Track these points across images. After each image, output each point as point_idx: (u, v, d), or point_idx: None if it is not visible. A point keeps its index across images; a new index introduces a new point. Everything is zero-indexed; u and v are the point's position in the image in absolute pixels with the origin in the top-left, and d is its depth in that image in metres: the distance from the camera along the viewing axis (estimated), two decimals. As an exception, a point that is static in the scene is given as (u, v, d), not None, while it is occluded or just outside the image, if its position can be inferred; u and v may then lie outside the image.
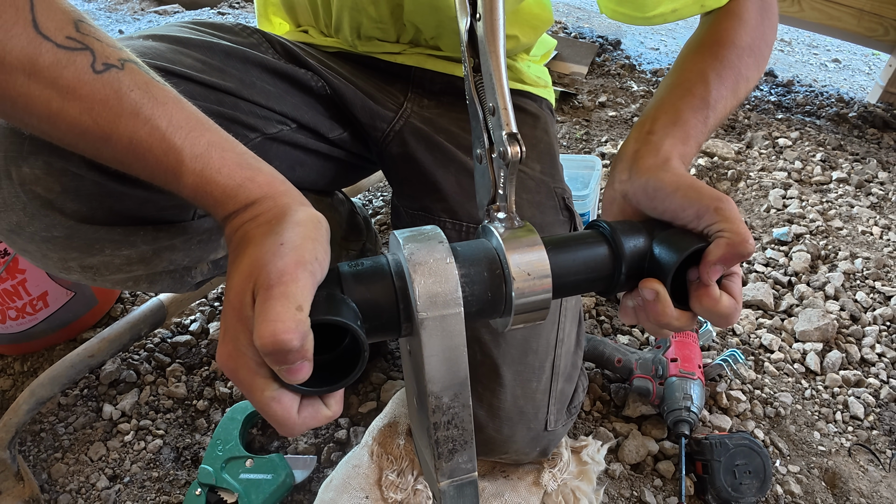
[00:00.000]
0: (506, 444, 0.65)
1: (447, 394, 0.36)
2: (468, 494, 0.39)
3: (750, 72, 0.58)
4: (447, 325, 0.35)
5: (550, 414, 0.67)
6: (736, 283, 0.43)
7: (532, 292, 0.39)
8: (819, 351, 1.05)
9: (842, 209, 1.42)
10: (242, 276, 0.33)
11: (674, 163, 0.47)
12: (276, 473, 0.74)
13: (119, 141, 0.37)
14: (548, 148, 0.77)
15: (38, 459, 0.82)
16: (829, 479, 0.88)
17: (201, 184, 0.37)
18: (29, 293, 0.88)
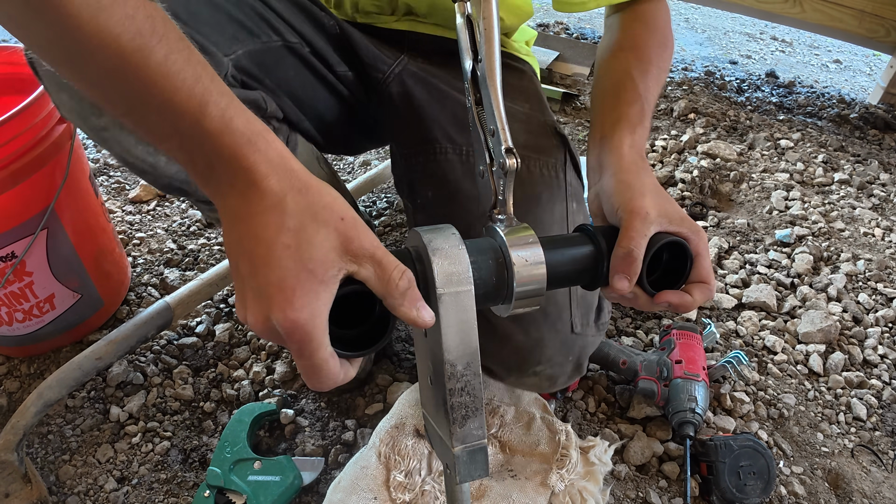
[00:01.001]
0: (537, 351, 0.65)
1: (461, 362, 0.42)
2: (479, 460, 0.44)
3: (664, 63, 0.68)
4: (461, 300, 0.41)
5: (574, 317, 0.68)
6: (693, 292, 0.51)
7: (530, 280, 0.46)
8: (822, 352, 1.05)
9: (844, 211, 1.42)
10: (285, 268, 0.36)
11: (625, 161, 0.56)
12: (285, 475, 0.74)
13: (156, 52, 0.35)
14: (535, 92, 0.83)
15: (45, 461, 0.82)
16: (833, 480, 0.88)
17: (224, 121, 0.37)
18: (36, 295, 0.88)
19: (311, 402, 0.90)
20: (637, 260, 0.49)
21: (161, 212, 1.29)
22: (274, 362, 0.95)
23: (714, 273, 1.19)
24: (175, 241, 1.20)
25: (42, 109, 0.78)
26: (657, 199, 0.53)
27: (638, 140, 0.58)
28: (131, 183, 1.37)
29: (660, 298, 0.51)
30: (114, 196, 1.33)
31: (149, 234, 1.22)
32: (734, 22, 2.87)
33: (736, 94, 2.06)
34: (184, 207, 1.30)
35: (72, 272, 0.91)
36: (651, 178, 0.55)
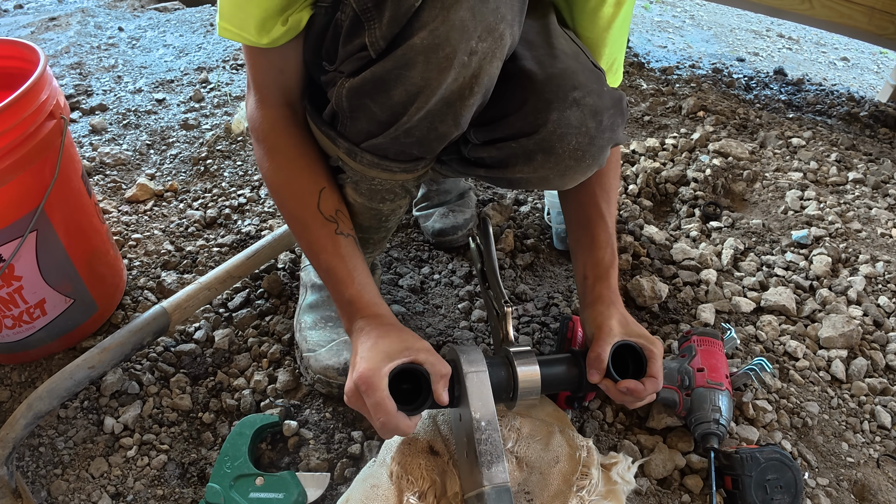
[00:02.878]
0: (568, 76, 0.65)
1: (484, 419, 0.65)
2: (505, 499, 0.62)
3: (618, 184, 0.92)
4: (480, 378, 0.67)
5: (591, 59, 0.71)
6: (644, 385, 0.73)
7: (529, 387, 0.71)
8: (844, 358, 1.02)
9: (860, 211, 1.39)
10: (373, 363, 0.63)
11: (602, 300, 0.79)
12: (288, 492, 0.70)
13: (328, 262, 0.72)
14: None
15: (36, 476, 0.78)
16: (858, 492, 0.85)
17: (355, 297, 0.70)
18: (26, 301, 0.84)
19: (316, 412, 0.85)
20: (603, 360, 0.72)
21: (158, 212, 1.25)
22: (276, 370, 0.91)
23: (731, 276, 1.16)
24: (173, 243, 1.16)
25: (31, 104, 0.74)
26: (621, 321, 0.76)
27: (612, 281, 0.80)
28: (127, 182, 1.33)
29: (621, 384, 0.71)
30: (109, 196, 1.28)
31: (145, 235, 1.17)
32: (740, 19, 2.84)
33: (744, 91, 2.02)
34: (182, 207, 1.26)
35: (63, 276, 0.86)
36: (619, 308, 0.78)
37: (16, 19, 2.32)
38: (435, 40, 0.55)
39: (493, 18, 0.56)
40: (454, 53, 0.56)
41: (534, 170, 0.69)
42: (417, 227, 1.20)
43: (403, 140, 0.64)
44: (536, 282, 1.13)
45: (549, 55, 0.67)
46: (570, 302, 1.07)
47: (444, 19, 0.54)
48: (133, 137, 1.50)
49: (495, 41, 0.57)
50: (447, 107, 0.60)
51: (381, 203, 0.78)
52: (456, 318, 1.03)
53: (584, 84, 0.65)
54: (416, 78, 0.57)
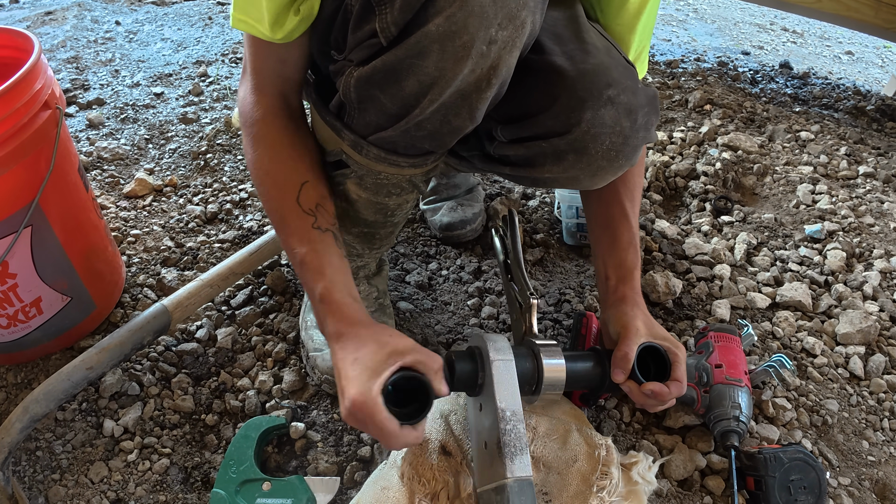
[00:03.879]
0: (601, 72, 0.63)
1: (509, 409, 0.62)
2: (527, 492, 0.59)
3: (642, 180, 0.86)
4: (507, 366, 0.64)
5: (623, 54, 0.69)
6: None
7: (553, 381, 0.68)
8: (862, 354, 0.99)
9: (872, 205, 1.36)
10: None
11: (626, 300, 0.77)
12: (296, 497, 0.68)
13: (303, 256, 0.67)
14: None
15: (34, 481, 0.75)
16: (880, 491, 0.83)
17: (324, 295, 0.65)
18: (21, 299, 0.81)
19: (324, 413, 0.83)
20: (629, 359, 0.70)
21: (158, 207, 1.22)
22: (281, 370, 0.88)
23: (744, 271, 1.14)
24: (172, 239, 1.12)
25: (24, 93, 0.70)
26: (647, 323, 0.74)
27: (635, 283, 0.78)
28: (125, 177, 1.30)
29: (646, 387, 0.70)
30: (107, 191, 1.25)
31: (144, 231, 1.14)
32: (743, 13, 2.81)
33: (750, 85, 2.00)
34: (181, 203, 1.23)
35: (60, 273, 0.83)
36: (643, 310, 0.76)
37: (11, 13, 2.28)
38: (452, 27, 0.51)
39: (514, 4, 0.53)
40: (472, 42, 0.52)
41: (563, 170, 0.66)
42: (424, 222, 1.18)
43: (414, 133, 0.61)
44: (547, 277, 1.10)
45: (580, 50, 0.64)
46: (581, 298, 1.04)
47: (462, 4, 0.51)
48: (131, 132, 1.46)
49: (516, 29, 0.54)
50: (462, 99, 0.57)
51: (386, 197, 0.74)
52: (465, 315, 1.00)
53: (618, 81, 0.63)
54: (430, 68, 0.53)
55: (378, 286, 0.90)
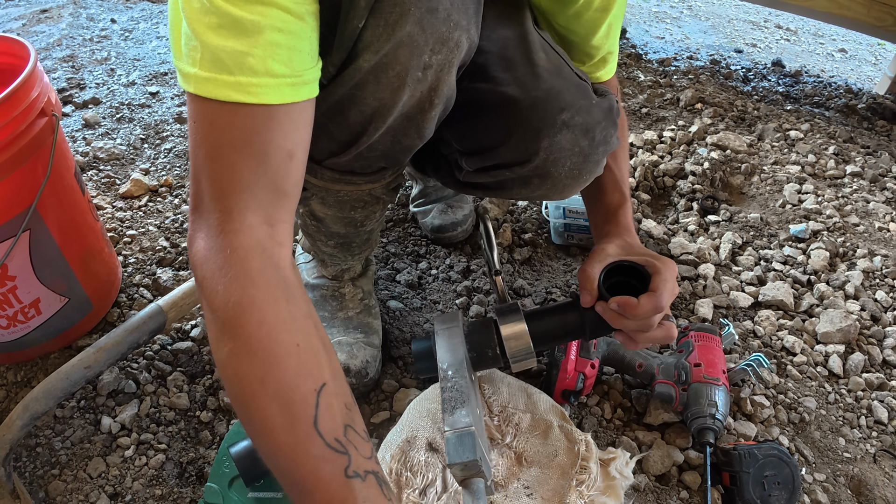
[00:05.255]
0: (554, 98, 0.63)
1: (451, 368, 0.63)
2: (466, 443, 0.56)
3: (626, 138, 0.82)
4: (452, 332, 0.68)
5: (575, 70, 0.68)
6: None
7: (517, 346, 0.68)
8: (841, 353, 1.02)
9: (858, 205, 1.39)
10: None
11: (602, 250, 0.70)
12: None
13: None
14: None
15: (34, 476, 0.78)
16: (855, 487, 0.85)
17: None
18: (20, 301, 0.83)
19: (314, 410, 0.85)
20: (589, 277, 0.66)
21: (153, 207, 1.24)
22: (274, 368, 0.91)
23: (728, 270, 1.16)
24: (168, 239, 1.15)
25: (21, 102, 0.72)
26: (623, 245, 0.70)
27: (620, 219, 0.74)
28: (121, 178, 1.32)
29: (611, 301, 0.64)
30: (103, 191, 1.27)
31: (140, 231, 1.16)
32: (737, 10, 2.82)
33: (742, 83, 2.01)
34: (176, 203, 1.25)
35: (58, 275, 0.85)
36: (624, 238, 0.71)
37: (7, 11, 2.29)
38: (383, 60, 0.50)
39: (445, 28, 0.51)
40: (405, 71, 0.51)
41: (531, 191, 0.68)
42: (415, 222, 1.20)
43: (367, 155, 0.61)
44: (534, 276, 1.12)
45: (530, 74, 0.63)
46: (567, 297, 1.07)
47: (388, 37, 0.49)
48: (127, 131, 1.48)
49: (450, 51, 0.53)
50: (408, 121, 0.57)
51: (351, 211, 0.75)
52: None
53: (571, 104, 0.63)
54: (369, 99, 0.53)
55: (363, 287, 0.92)
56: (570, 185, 0.68)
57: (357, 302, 0.91)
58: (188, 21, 0.44)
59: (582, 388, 0.83)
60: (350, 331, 0.87)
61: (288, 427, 0.42)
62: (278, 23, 0.44)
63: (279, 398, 0.42)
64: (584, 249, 1.17)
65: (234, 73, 0.43)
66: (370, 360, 0.84)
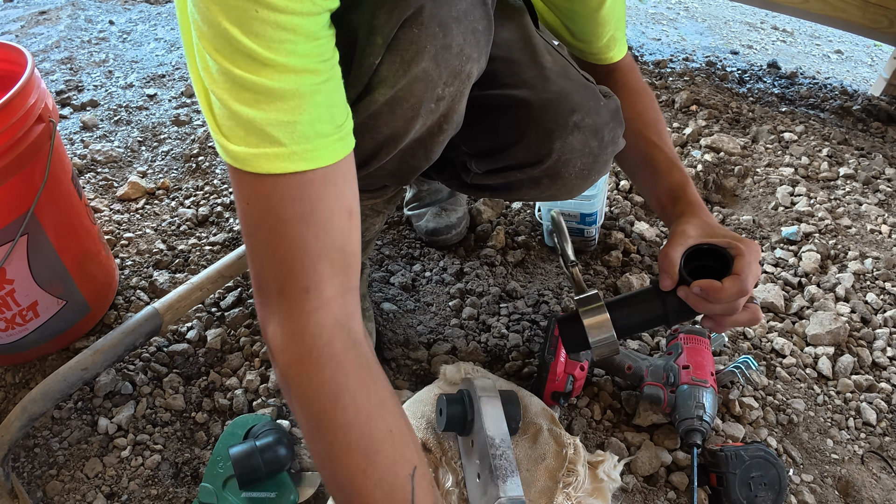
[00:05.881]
0: (564, 99, 0.64)
1: (498, 437, 0.67)
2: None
3: (659, 113, 0.80)
4: (492, 402, 0.71)
5: (580, 71, 0.69)
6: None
7: (600, 334, 0.68)
8: (831, 355, 1.03)
9: (850, 207, 1.40)
10: None
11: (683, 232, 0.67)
12: (280, 492, 0.72)
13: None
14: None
15: (32, 476, 0.79)
16: (843, 488, 0.86)
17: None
18: (18, 303, 0.84)
19: (308, 411, 0.87)
20: (671, 260, 0.64)
21: (150, 210, 1.25)
22: (268, 370, 0.92)
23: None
24: (165, 242, 1.16)
25: (19, 108, 0.74)
26: (702, 226, 0.66)
27: (690, 197, 0.71)
28: (119, 180, 1.33)
29: (694, 285, 0.62)
30: (101, 194, 1.28)
31: (137, 234, 1.18)
32: (734, 11, 2.83)
33: (738, 85, 2.02)
34: (173, 206, 1.26)
35: (55, 278, 0.87)
36: (700, 217, 0.68)
37: (6, 13, 2.30)
38: (398, 94, 0.52)
39: (458, 63, 0.53)
40: (419, 104, 0.53)
41: (540, 192, 0.70)
42: (409, 225, 1.21)
43: (375, 175, 0.63)
44: (527, 279, 1.13)
45: (539, 77, 0.65)
46: (559, 300, 1.08)
47: (405, 73, 0.51)
48: (124, 134, 1.49)
49: (462, 83, 0.55)
50: (418, 144, 0.59)
51: None
52: (447, 316, 1.04)
53: (580, 105, 0.65)
54: (382, 128, 0.55)
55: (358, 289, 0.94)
56: (578, 185, 0.69)
57: None
58: (219, 98, 0.42)
59: (571, 389, 0.84)
60: (344, 333, 0.88)
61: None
62: (314, 85, 0.43)
63: (381, 486, 0.45)
64: (578, 252, 1.19)
65: (285, 144, 0.42)
66: None
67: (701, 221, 0.67)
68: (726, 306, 0.62)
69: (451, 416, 0.69)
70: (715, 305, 0.62)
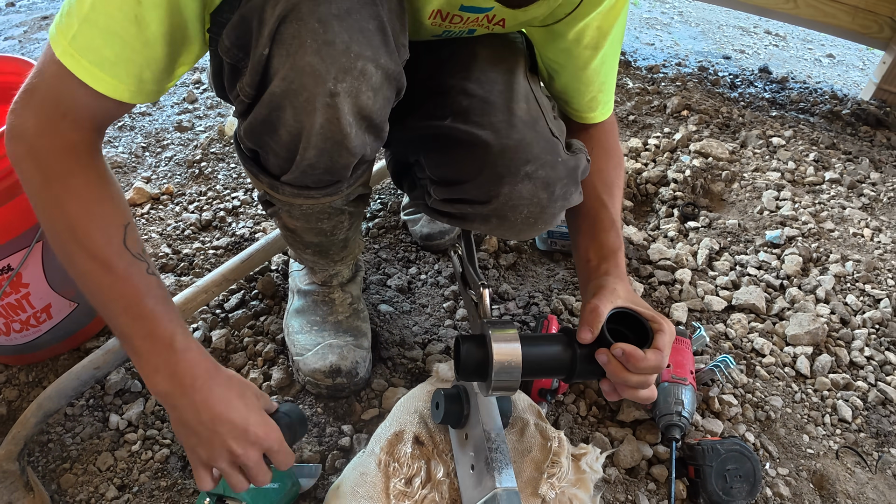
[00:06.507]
0: (523, 149, 0.68)
1: (493, 431, 0.70)
2: (514, 501, 0.66)
3: (621, 180, 0.84)
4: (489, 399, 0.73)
5: (550, 125, 0.72)
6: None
7: (506, 366, 0.64)
8: (809, 355, 1.07)
9: (834, 211, 1.44)
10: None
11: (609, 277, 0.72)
12: (283, 482, 0.76)
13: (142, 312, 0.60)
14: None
15: (46, 470, 0.83)
16: (818, 482, 0.91)
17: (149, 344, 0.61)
18: (33, 306, 0.88)
19: (308, 408, 0.91)
20: (598, 313, 0.64)
21: (155, 215, 1.29)
22: (270, 368, 0.96)
23: (705, 275, 1.21)
24: (170, 246, 1.20)
25: (35, 122, 0.78)
26: (628, 292, 0.69)
27: (619, 262, 0.74)
28: (124, 185, 1.37)
29: (616, 347, 0.63)
30: (107, 199, 1.32)
31: (143, 238, 1.22)
32: (728, 15, 2.87)
33: (729, 89, 2.06)
34: (178, 211, 1.30)
35: (67, 282, 0.91)
36: (626, 285, 0.71)
37: (8, 18, 2.33)
38: (290, 86, 0.55)
39: (345, 59, 0.55)
40: (314, 98, 0.56)
41: (490, 229, 0.75)
42: (405, 230, 1.25)
43: (311, 172, 0.65)
44: (519, 281, 1.18)
45: (506, 123, 0.69)
46: (549, 301, 1.12)
47: (291, 66, 0.54)
48: (128, 140, 1.53)
49: (356, 79, 0.56)
50: (334, 143, 0.61)
51: (318, 222, 0.80)
52: (441, 317, 1.08)
53: (537, 157, 0.69)
54: (290, 120, 0.58)
55: (352, 292, 0.98)
56: (525, 231, 0.74)
57: (346, 306, 0.96)
58: None
59: (558, 387, 0.88)
60: (340, 334, 0.92)
61: (104, 245, 0.60)
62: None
63: (99, 227, 0.60)
64: (567, 255, 1.23)
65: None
66: (360, 361, 0.90)
67: (627, 288, 0.70)
68: (639, 378, 0.62)
69: (448, 410, 0.73)
70: (629, 375, 0.62)
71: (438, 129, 0.73)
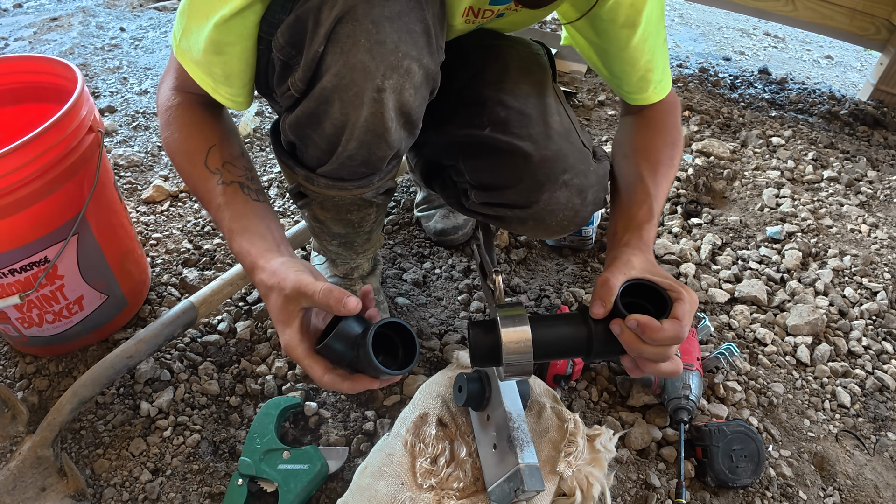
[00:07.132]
0: (560, 159, 0.75)
1: (514, 412, 0.74)
2: (537, 476, 0.70)
3: (673, 160, 0.83)
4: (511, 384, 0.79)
5: (581, 136, 0.79)
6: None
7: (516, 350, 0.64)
8: (809, 344, 1.12)
9: (832, 208, 1.48)
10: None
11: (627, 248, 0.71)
12: (312, 464, 0.80)
13: (216, 218, 0.72)
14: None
15: (80, 456, 0.87)
16: (818, 463, 0.95)
17: (243, 250, 0.69)
18: (66, 297, 0.92)
19: (332, 395, 0.95)
20: (610, 287, 0.63)
21: (175, 212, 1.33)
22: (294, 358, 1.00)
23: (708, 269, 1.26)
24: (191, 241, 1.24)
25: (74, 119, 0.82)
26: (645, 263, 0.68)
27: (644, 234, 0.73)
28: (142, 184, 1.40)
29: (630, 318, 0.61)
30: (127, 197, 1.36)
31: (165, 234, 1.25)
32: (728, 17, 2.91)
33: (729, 90, 2.11)
34: (196, 207, 1.34)
35: (99, 274, 0.95)
36: (646, 255, 0.69)
37: (17, 19, 2.36)
38: (341, 81, 0.60)
39: (393, 58, 0.60)
40: (362, 92, 0.60)
41: (526, 231, 0.82)
42: (419, 226, 1.29)
43: (349, 164, 0.70)
44: (529, 275, 1.22)
45: (544, 135, 0.76)
46: (559, 294, 1.16)
47: (344, 63, 0.59)
48: (144, 139, 1.57)
49: (402, 76, 0.61)
50: (375, 136, 0.66)
51: (348, 213, 0.85)
52: (456, 310, 1.12)
53: (573, 166, 0.76)
54: (336, 113, 0.63)
55: (372, 284, 1.02)
56: (558, 232, 0.82)
57: None
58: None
59: (571, 373, 0.92)
60: (363, 324, 0.96)
61: (190, 167, 0.72)
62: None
63: (186, 153, 0.72)
64: (575, 251, 1.27)
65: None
66: None
67: (646, 258, 0.67)
68: (657, 350, 0.60)
69: (471, 392, 0.77)
70: (647, 347, 0.60)
71: (477, 137, 0.79)
